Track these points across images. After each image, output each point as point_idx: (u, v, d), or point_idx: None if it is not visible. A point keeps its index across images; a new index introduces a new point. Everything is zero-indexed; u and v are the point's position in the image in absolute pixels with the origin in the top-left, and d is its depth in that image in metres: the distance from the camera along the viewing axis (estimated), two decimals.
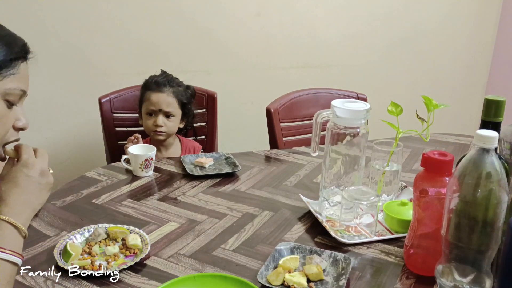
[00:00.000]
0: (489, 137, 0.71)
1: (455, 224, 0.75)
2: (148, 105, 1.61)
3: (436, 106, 1.02)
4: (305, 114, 1.85)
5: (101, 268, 0.87)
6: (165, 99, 1.61)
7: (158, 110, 1.60)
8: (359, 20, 2.49)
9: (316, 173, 1.37)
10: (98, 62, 2.03)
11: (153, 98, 1.60)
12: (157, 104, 1.60)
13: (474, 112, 2.87)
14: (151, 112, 1.61)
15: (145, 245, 0.94)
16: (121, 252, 0.93)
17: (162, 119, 1.60)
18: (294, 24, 2.35)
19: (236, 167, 1.36)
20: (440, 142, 1.68)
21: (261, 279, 0.83)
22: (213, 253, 0.94)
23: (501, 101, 0.81)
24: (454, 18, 2.72)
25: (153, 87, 1.62)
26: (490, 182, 0.71)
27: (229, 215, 1.11)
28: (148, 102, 1.61)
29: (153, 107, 1.60)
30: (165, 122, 1.61)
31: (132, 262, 0.89)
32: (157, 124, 1.59)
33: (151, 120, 1.61)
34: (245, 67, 2.32)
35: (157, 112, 1.61)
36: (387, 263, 0.92)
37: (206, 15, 2.16)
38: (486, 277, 0.75)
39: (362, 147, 1.06)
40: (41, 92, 1.95)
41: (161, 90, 1.61)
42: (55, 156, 2.05)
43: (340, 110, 1.03)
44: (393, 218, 1.02)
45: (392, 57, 2.64)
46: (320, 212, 1.09)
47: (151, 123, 1.61)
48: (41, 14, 1.87)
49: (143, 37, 2.08)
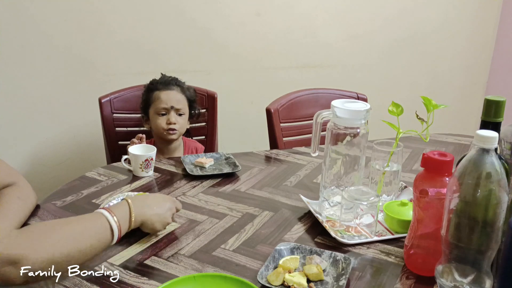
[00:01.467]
0: (489, 137, 0.71)
1: (455, 224, 0.75)
2: (158, 104, 1.59)
3: (435, 107, 1.02)
4: (305, 114, 1.85)
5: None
6: (176, 96, 1.60)
7: (170, 107, 1.59)
8: (359, 20, 2.49)
9: (316, 173, 1.37)
10: (98, 62, 2.03)
11: (164, 97, 1.59)
12: (168, 102, 1.58)
13: (474, 112, 2.87)
14: (162, 111, 1.59)
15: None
16: None
17: (175, 117, 1.59)
18: (294, 24, 2.35)
19: (236, 167, 1.36)
20: (440, 142, 1.68)
21: (261, 279, 0.83)
22: (213, 253, 0.94)
23: (501, 101, 0.81)
24: (454, 18, 2.72)
25: (161, 87, 1.61)
26: (490, 182, 0.71)
27: (229, 215, 1.11)
28: (158, 101, 1.59)
29: (164, 105, 1.58)
30: (177, 119, 1.60)
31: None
32: (171, 122, 1.58)
33: (163, 119, 1.59)
34: (245, 67, 2.32)
35: (169, 109, 1.59)
36: (387, 263, 0.92)
37: (206, 15, 2.16)
38: (486, 277, 0.75)
39: (362, 147, 1.06)
40: (41, 92, 1.95)
41: (170, 88, 1.61)
42: (55, 156, 2.05)
43: (340, 110, 1.03)
44: (393, 218, 1.02)
45: (392, 57, 2.64)
46: (320, 212, 1.09)
47: (163, 122, 1.59)
48: (41, 14, 1.87)
49: (143, 37, 2.08)
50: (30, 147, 2.01)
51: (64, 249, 0.76)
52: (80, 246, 0.79)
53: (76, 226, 0.81)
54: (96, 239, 0.82)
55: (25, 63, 1.88)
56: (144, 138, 1.54)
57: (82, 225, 0.82)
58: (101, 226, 0.83)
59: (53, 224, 0.82)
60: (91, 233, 0.81)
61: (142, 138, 1.53)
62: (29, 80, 1.90)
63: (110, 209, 0.87)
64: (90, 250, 0.80)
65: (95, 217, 0.84)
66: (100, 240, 0.82)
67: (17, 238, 0.74)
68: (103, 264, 0.89)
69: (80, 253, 0.79)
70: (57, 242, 0.76)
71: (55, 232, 0.78)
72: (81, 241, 0.79)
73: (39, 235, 0.76)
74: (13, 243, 0.72)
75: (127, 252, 0.93)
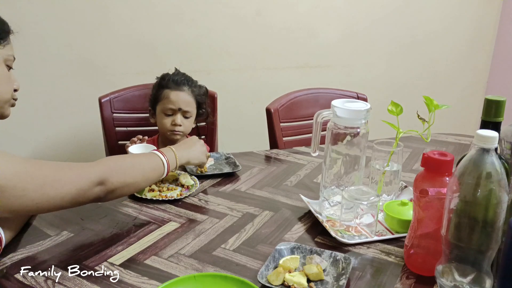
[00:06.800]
0: (489, 137, 0.71)
1: (455, 224, 0.75)
2: (166, 104, 1.57)
3: (437, 107, 1.01)
4: (305, 114, 1.85)
5: (169, 191, 1.20)
6: (185, 98, 1.58)
7: (178, 109, 1.57)
8: (359, 20, 2.49)
9: (316, 173, 1.37)
10: (98, 62, 2.03)
11: (173, 97, 1.57)
12: (177, 103, 1.57)
13: (474, 112, 2.87)
14: (169, 112, 1.58)
15: (195, 182, 1.24)
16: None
17: (181, 119, 1.58)
18: (294, 24, 2.35)
19: (236, 167, 1.36)
20: (440, 142, 1.68)
21: (261, 279, 0.83)
22: (213, 253, 0.94)
23: (501, 101, 0.81)
24: (454, 18, 2.72)
25: (172, 86, 1.58)
26: (490, 182, 0.71)
27: (229, 215, 1.11)
28: (166, 101, 1.57)
29: (172, 106, 1.57)
30: (183, 121, 1.59)
31: (187, 193, 1.19)
32: (176, 124, 1.57)
33: (169, 120, 1.58)
34: (245, 67, 2.32)
35: (176, 111, 1.58)
36: (387, 263, 0.92)
37: (206, 15, 2.16)
38: (486, 277, 0.75)
39: (362, 147, 1.06)
40: (41, 92, 1.95)
41: (180, 89, 1.58)
42: (55, 156, 2.05)
43: (340, 110, 1.03)
44: (393, 218, 1.02)
45: (392, 57, 2.64)
46: (320, 212, 1.09)
47: (169, 122, 1.58)
48: (41, 14, 1.87)
49: (143, 37, 2.08)
50: (30, 147, 2.01)
51: (133, 174, 0.99)
52: (143, 173, 1.02)
53: (140, 159, 1.04)
54: (154, 170, 1.06)
55: (25, 63, 1.87)
56: (146, 139, 1.54)
57: (144, 159, 1.05)
58: (157, 161, 1.07)
59: (123, 157, 1.05)
60: (151, 165, 1.05)
61: (143, 140, 1.53)
62: (29, 80, 1.90)
63: (161, 151, 1.10)
64: (149, 177, 1.04)
65: (152, 155, 1.08)
66: (157, 170, 1.06)
67: (99, 165, 0.93)
68: (103, 264, 0.89)
69: (143, 178, 1.02)
70: (128, 169, 0.99)
71: (125, 161, 1.01)
72: (144, 170, 1.03)
73: (115, 163, 0.97)
74: (98, 169, 0.92)
75: (127, 252, 0.93)
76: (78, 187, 0.87)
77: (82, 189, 0.88)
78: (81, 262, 0.89)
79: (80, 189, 0.88)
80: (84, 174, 0.89)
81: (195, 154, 1.21)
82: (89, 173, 0.90)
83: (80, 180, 0.88)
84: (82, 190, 0.88)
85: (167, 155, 1.10)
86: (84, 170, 0.90)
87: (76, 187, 0.87)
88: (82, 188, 0.88)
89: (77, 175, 0.88)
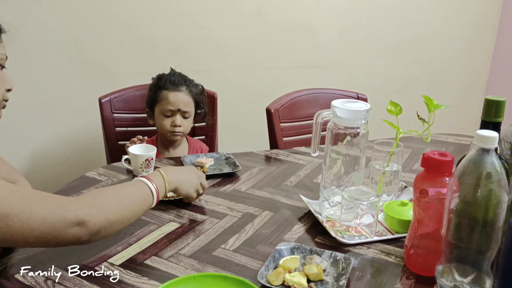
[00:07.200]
0: (489, 137, 0.71)
1: (455, 224, 0.75)
2: (165, 105, 1.57)
3: (437, 107, 1.01)
4: (305, 114, 1.85)
5: None
6: (183, 99, 1.58)
7: (177, 110, 1.57)
8: (359, 20, 2.49)
9: (316, 173, 1.37)
10: (98, 62, 2.03)
11: (171, 98, 1.56)
12: (175, 104, 1.56)
13: (474, 112, 2.87)
14: (168, 113, 1.57)
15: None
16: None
17: (180, 119, 1.58)
18: (294, 24, 2.35)
19: (236, 167, 1.36)
20: (440, 142, 1.68)
21: (261, 279, 0.83)
22: (213, 253, 0.94)
23: (501, 101, 0.81)
24: (454, 18, 2.72)
25: (170, 87, 1.57)
26: (490, 182, 0.71)
27: (229, 215, 1.11)
28: (165, 102, 1.57)
29: (171, 107, 1.56)
30: (182, 122, 1.58)
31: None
32: (176, 124, 1.56)
33: (168, 121, 1.57)
34: (245, 67, 2.32)
35: (175, 112, 1.57)
36: (387, 263, 0.92)
37: (206, 15, 2.16)
38: (487, 277, 0.75)
39: (362, 147, 1.06)
40: (41, 92, 1.95)
41: (178, 89, 1.57)
42: (55, 156, 2.05)
43: (340, 110, 1.03)
44: (393, 218, 1.02)
45: (392, 57, 2.64)
46: (320, 212, 1.09)
47: (168, 123, 1.57)
48: (41, 13, 1.87)
49: (143, 37, 2.08)
50: (30, 147, 2.01)
51: (118, 210, 0.87)
52: (130, 207, 0.90)
53: (124, 191, 0.92)
54: (142, 201, 0.93)
55: (25, 63, 1.87)
56: (146, 139, 1.54)
57: (129, 190, 0.93)
58: (144, 190, 0.94)
59: (105, 190, 0.93)
60: (137, 196, 0.93)
61: (143, 140, 1.53)
62: (29, 80, 1.89)
63: (148, 177, 0.97)
64: (138, 211, 0.92)
65: (137, 183, 0.96)
66: (145, 202, 0.94)
67: (78, 202, 0.83)
68: (103, 264, 0.89)
69: (131, 214, 0.90)
70: (112, 204, 0.86)
71: (107, 196, 0.88)
72: (130, 203, 0.90)
73: (95, 200, 0.86)
74: (77, 207, 0.81)
75: (127, 252, 0.93)
76: (49, 224, 0.76)
77: (54, 227, 0.77)
78: (81, 262, 0.89)
79: (51, 227, 0.77)
80: (59, 210, 0.78)
81: (185, 184, 1.07)
82: (64, 210, 0.78)
83: (53, 216, 0.77)
84: (54, 229, 0.77)
85: (155, 181, 0.97)
86: (61, 206, 0.79)
87: (45, 224, 0.76)
88: (54, 226, 0.77)
89: (50, 210, 0.77)
